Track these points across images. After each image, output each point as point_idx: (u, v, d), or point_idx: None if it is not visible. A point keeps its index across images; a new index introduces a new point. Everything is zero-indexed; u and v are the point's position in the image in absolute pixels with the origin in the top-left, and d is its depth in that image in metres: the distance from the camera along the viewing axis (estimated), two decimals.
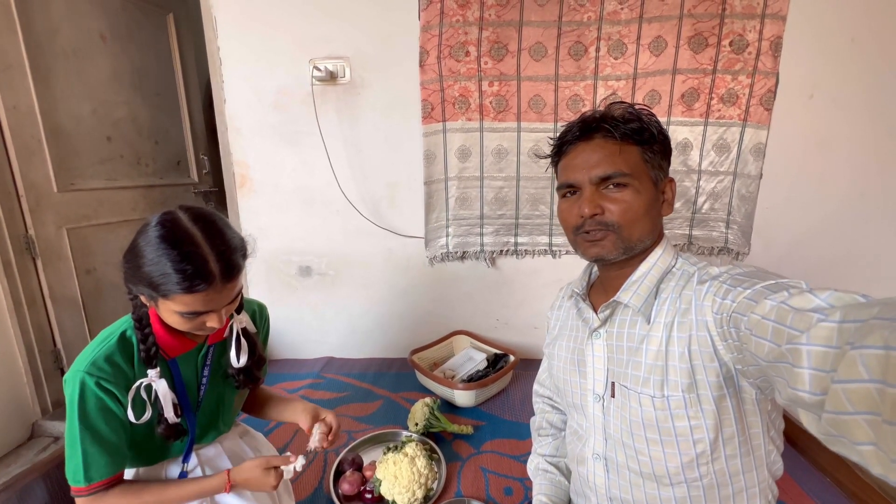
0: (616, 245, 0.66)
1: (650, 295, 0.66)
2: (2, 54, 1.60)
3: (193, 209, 0.74)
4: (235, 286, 0.75)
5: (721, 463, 0.62)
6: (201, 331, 0.77)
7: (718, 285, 0.57)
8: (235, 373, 0.90)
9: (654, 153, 0.66)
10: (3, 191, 1.64)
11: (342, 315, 1.93)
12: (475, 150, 1.69)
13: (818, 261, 1.74)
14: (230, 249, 0.72)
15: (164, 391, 0.78)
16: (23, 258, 1.72)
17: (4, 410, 1.70)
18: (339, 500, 1.09)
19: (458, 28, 1.58)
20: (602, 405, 0.71)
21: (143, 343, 0.77)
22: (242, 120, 1.75)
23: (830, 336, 0.36)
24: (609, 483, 0.71)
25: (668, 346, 0.62)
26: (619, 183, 0.65)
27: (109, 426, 0.75)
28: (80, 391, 0.72)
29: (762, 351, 0.45)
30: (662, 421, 0.62)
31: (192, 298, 0.69)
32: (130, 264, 0.71)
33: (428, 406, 1.34)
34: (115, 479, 0.77)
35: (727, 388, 0.59)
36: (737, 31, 1.53)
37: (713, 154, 1.64)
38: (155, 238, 0.68)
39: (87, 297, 1.94)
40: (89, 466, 0.73)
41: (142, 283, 0.70)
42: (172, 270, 0.66)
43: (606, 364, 0.70)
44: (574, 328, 0.78)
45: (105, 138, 1.99)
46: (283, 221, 1.83)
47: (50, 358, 1.85)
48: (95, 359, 0.73)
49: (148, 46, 2.17)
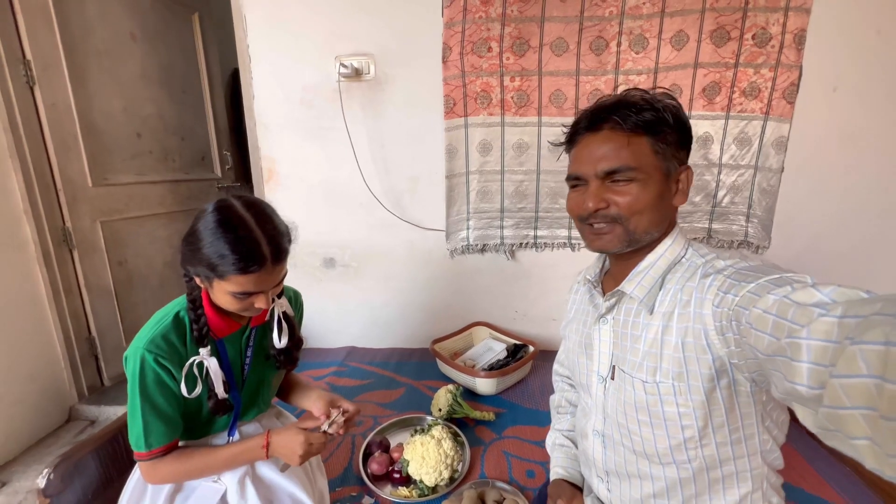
0: (621, 238, 0.66)
1: (654, 286, 0.66)
2: (41, 55, 1.67)
3: (244, 197, 0.80)
4: (283, 268, 0.80)
5: (711, 448, 0.64)
6: (248, 312, 0.82)
7: (722, 279, 0.57)
8: (276, 353, 0.95)
9: (668, 143, 0.64)
10: (43, 185, 1.71)
11: (364, 306, 1.98)
12: (496, 145, 1.72)
13: (840, 256, 1.73)
14: (279, 234, 0.78)
15: (215, 368, 0.83)
16: (61, 249, 1.80)
17: (44, 394, 1.78)
18: (369, 479, 1.14)
19: (481, 24, 1.61)
20: (604, 386, 0.74)
21: (195, 323, 0.82)
22: (270, 116, 1.80)
23: (830, 331, 0.36)
24: (606, 458, 0.76)
25: (664, 336, 0.63)
26: (626, 178, 0.64)
27: (165, 399, 0.80)
28: (141, 366, 0.77)
29: (761, 344, 0.45)
30: (653, 405, 0.65)
31: (245, 279, 0.74)
32: (190, 247, 0.76)
33: (451, 393, 1.38)
34: (171, 446, 0.83)
35: (718, 381, 0.60)
36: (760, 25, 1.53)
37: (734, 148, 1.65)
38: (213, 223, 0.73)
39: (119, 287, 2.01)
40: (149, 434, 0.79)
41: (200, 265, 0.75)
42: (229, 252, 0.71)
43: (611, 349, 0.73)
44: (585, 312, 0.81)
45: (135, 135, 2.06)
46: (308, 214, 1.88)
47: (85, 345, 1.93)
48: (153, 337, 0.79)
49: (174, 45, 2.23)
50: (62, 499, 0.93)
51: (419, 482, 1.12)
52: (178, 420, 0.84)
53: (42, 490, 0.89)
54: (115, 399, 1.91)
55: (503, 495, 1.08)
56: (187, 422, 0.88)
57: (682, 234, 0.70)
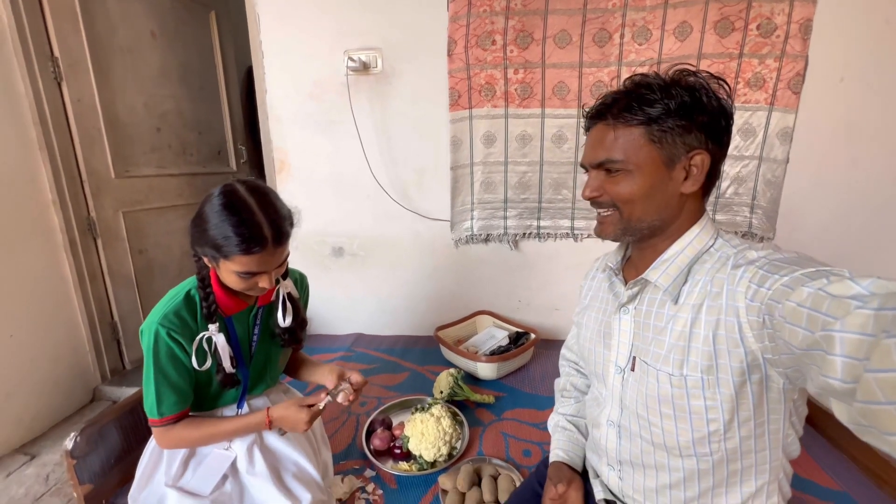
0: (616, 225, 0.67)
1: (680, 275, 0.65)
2: (68, 52, 1.76)
3: (249, 182, 0.85)
4: (284, 251, 0.85)
5: (734, 442, 0.62)
6: (253, 291, 0.87)
7: (755, 271, 0.54)
8: (282, 332, 1.01)
9: (667, 130, 0.62)
10: (69, 176, 1.81)
11: (371, 294, 2.04)
12: (500, 136, 1.75)
13: (845, 247, 1.72)
14: (280, 218, 0.83)
15: (223, 344, 0.89)
16: (86, 238, 1.90)
17: (70, 376, 1.89)
18: (371, 454, 1.19)
19: (485, 18, 1.65)
20: (622, 377, 0.72)
21: (205, 301, 0.88)
22: (282, 109, 1.87)
23: (866, 324, 0.35)
24: (620, 448, 0.74)
25: (693, 328, 0.61)
26: (614, 169, 0.65)
27: (177, 371, 0.86)
28: (155, 340, 0.83)
29: (796, 339, 0.43)
30: (678, 398, 0.63)
31: (248, 259, 0.79)
32: (197, 228, 0.81)
33: (452, 376, 1.42)
34: (182, 414, 0.89)
35: (750, 375, 0.58)
36: (765, 15, 1.53)
37: (738, 138, 1.65)
38: (219, 206, 0.79)
39: (140, 275, 2.11)
40: (161, 403, 0.85)
41: (207, 245, 0.80)
42: (233, 234, 0.77)
43: (632, 339, 0.71)
44: (604, 301, 0.79)
45: (155, 129, 2.15)
46: (317, 204, 1.94)
47: (108, 329, 2.03)
48: (167, 312, 0.85)
49: (192, 43, 2.32)
50: (87, 461, 1.01)
51: (419, 457, 1.17)
52: (189, 391, 0.89)
53: (70, 451, 0.97)
54: (136, 381, 2.00)
55: (498, 471, 1.12)
56: (198, 394, 0.94)
57: (711, 223, 0.68)
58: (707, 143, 0.63)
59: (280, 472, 0.95)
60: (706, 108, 0.62)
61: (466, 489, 1.05)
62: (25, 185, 1.67)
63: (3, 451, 1.61)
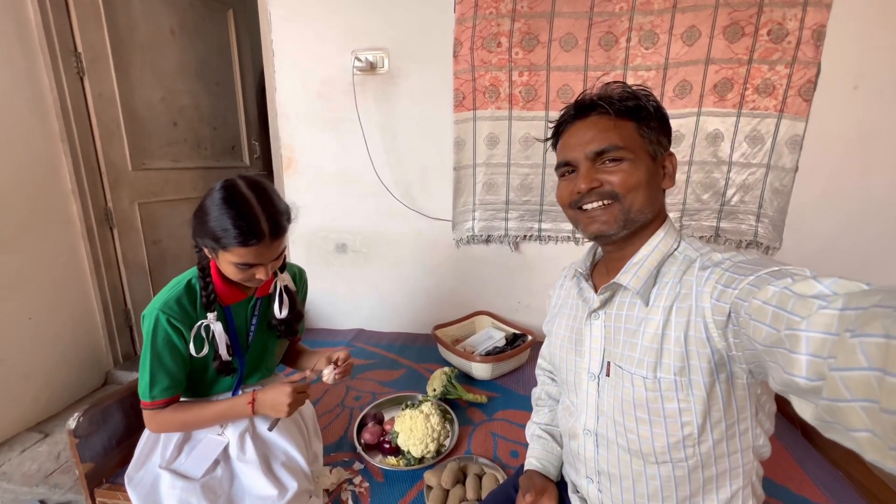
0: (617, 218, 0.66)
1: (650, 278, 0.66)
2: (91, 48, 1.83)
3: (249, 178, 0.89)
4: (281, 244, 0.89)
5: (707, 445, 0.63)
6: (251, 282, 0.91)
7: (720, 272, 0.56)
8: (278, 323, 1.04)
9: (651, 129, 0.66)
10: (89, 167, 1.89)
11: (373, 290, 2.07)
12: (503, 138, 1.76)
13: (855, 259, 1.67)
14: (278, 212, 0.86)
15: (220, 332, 0.93)
16: (103, 227, 1.98)
17: (84, 360, 1.97)
18: (361, 447, 1.22)
19: (492, 20, 1.65)
20: (597, 384, 0.72)
21: (204, 290, 0.92)
22: (290, 107, 1.91)
23: (831, 323, 0.36)
24: (598, 457, 0.74)
25: (665, 330, 0.62)
26: (615, 157, 0.65)
27: (172, 357, 0.90)
28: (154, 325, 0.88)
29: (760, 335, 0.45)
30: (652, 401, 0.64)
31: (245, 251, 0.82)
32: (198, 220, 0.85)
33: (446, 374, 1.44)
34: (172, 400, 0.93)
35: (718, 375, 0.59)
36: (776, 20, 1.50)
37: (745, 146, 1.62)
38: (219, 199, 0.83)
39: (153, 265, 2.19)
40: (154, 386, 0.90)
41: (207, 237, 0.84)
42: (231, 226, 0.80)
43: (603, 345, 0.71)
44: (574, 307, 0.79)
45: (172, 123, 2.22)
46: (323, 201, 1.98)
47: (122, 316, 2.11)
48: (168, 300, 0.89)
49: (210, 40, 2.38)
50: (90, 440, 1.07)
51: (406, 453, 1.19)
52: (182, 378, 0.93)
53: (72, 430, 1.03)
54: None
55: (484, 470, 1.14)
56: (195, 380, 0.98)
57: (673, 226, 0.70)
58: (669, 147, 0.70)
59: (270, 460, 0.99)
60: (665, 118, 0.69)
61: (450, 486, 1.07)
62: (47, 176, 1.75)
63: (19, 429, 1.70)
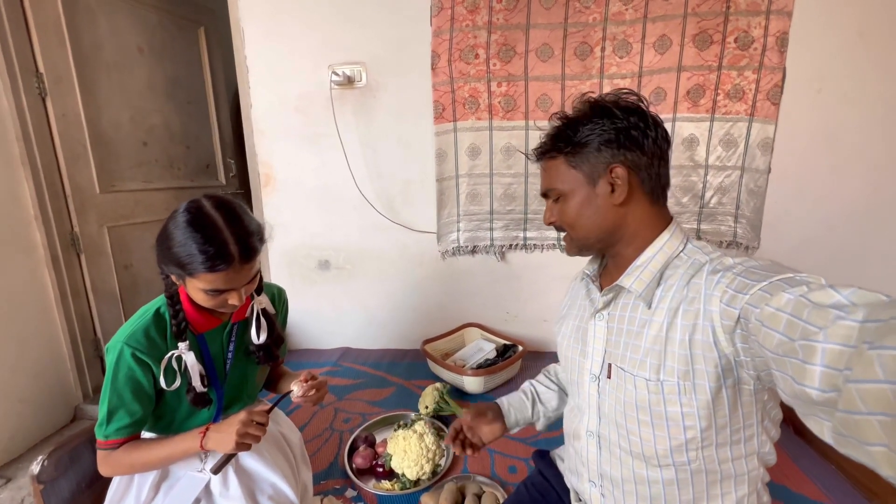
0: (571, 245, 0.75)
1: (653, 280, 0.66)
2: (53, 68, 1.76)
3: (216, 197, 0.82)
4: (253, 267, 0.82)
5: (711, 450, 0.63)
6: (224, 308, 0.84)
7: (732, 277, 0.55)
8: (256, 349, 0.98)
9: (580, 155, 0.69)
10: (52, 192, 1.79)
11: (358, 307, 2.02)
12: (485, 149, 1.76)
13: (829, 255, 1.73)
14: (248, 234, 0.80)
15: (192, 362, 0.86)
16: (69, 253, 1.87)
17: (50, 394, 1.84)
18: (353, 473, 1.17)
19: (468, 32, 1.66)
20: (598, 385, 0.73)
21: (174, 318, 0.85)
22: (267, 123, 1.87)
23: (850, 335, 0.35)
24: (601, 459, 0.74)
25: (669, 332, 0.62)
26: (553, 196, 0.74)
27: (135, 395, 0.83)
28: (118, 359, 0.81)
29: (771, 343, 0.44)
30: (655, 404, 0.63)
31: (214, 277, 0.76)
32: (162, 246, 0.79)
33: (438, 390, 1.41)
34: (128, 440, 0.85)
35: (724, 380, 0.59)
36: (742, 28, 1.56)
37: (720, 149, 1.66)
38: (183, 223, 0.76)
39: (125, 291, 2.09)
40: (110, 424, 0.82)
41: (172, 263, 0.78)
42: (197, 251, 0.74)
43: (605, 346, 0.71)
44: (581, 307, 0.81)
45: (141, 143, 2.14)
46: (303, 218, 1.94)
47: (91, 346, 1.99)
48: (134, 331, 0.82)
49: (181, 58, 2.33)
50: (56, 486, 0.97)
51: (401, 475, 1.14)
52: (143, 417, 0.85)
53: (36, 476, 0.93)
54: None
55: (483, 488, 1.10)
56: (166, 417, 0.91)
57: (679, 229, 0.70)
58: (624, 154, 0.67)
59: (255, 494, 0.93)
60: (614, 125, 0.67)
61: None
62: (7, 202, 1.65)
63: None
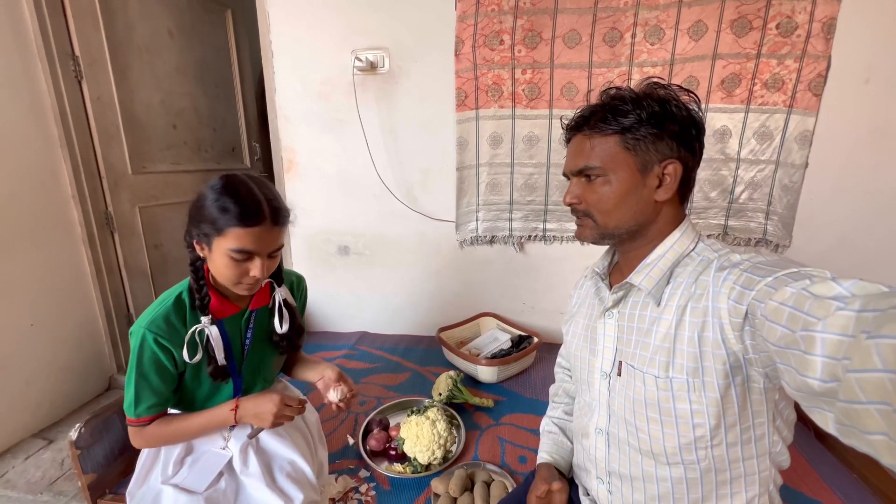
0: (592, 231, 0.71)
1: (662, 278, 0.66)
2: (88, 50, 1.81)
3: (247, 173, 0.87)
4: (280, 236, 0.85)
5: (721, 449, 0.62)
6: (244, 283, 0.85)
7: (738, 273, 0.56)
8: (279, 339, 1.01)
9: (640, 138, 0.65)
10: (88, 172, 1.87)
11: (376, 293, 2.05)
12: (506, 137, 1.73)
13: (866, 256, 1.64)
14: (279, 200, 0.85)
15: (216, 335, 0.89)
16: (103, 232, 1.96)
17: (87, 365, 1.96)
18: (367, 454, 1.20)
19: (494, 17, 1.62)
20: (608, 383, 0.73)
21: (198, 293, 0.88)
22: (290, 108, 1.89)
23: (847, 325, 0.36)
24: (609, 457, 0.74)
25: (678, 330, 0.62)
26: (592, 174, 0.68)
27: (159, 376, 0.87)
28: (141, 344, 0.85)
29: (774, 336, 0.45)
30: (664, 401, 0.63)
31: (244, 232, 0.78)
32: (195, 207, 0.82)
33: (452, 378, 1.42)
34: (157, 417, 0.90)
35: (733, 378, 0.58)
36: (785, 13, 1.47)
37: (754, 142, 1.59)
38: (219, 185, 0.80)
39: (155, 269, 2.17)
40: (139, 404, 0.87)
41: (204, 221, 0.80)
42: (232, 205, 0.78)
43: (616, 343, 0.72)
44: (591, 306, 0.80)
45: (171, 126, 2.20)
46: (324, 203, 1.96)
47: (124, 321, 2.09)
48: (155, 317, 0.86)
49: (208, 41, 2.36)
50: (91, 451, 1.05)
51: (413, 460, 1.17)
52: (168, 395, 0.90)
53: (74, 442, 1.01)
54: None
55: (492, 477, 1.12)
56: (188, 398, 0.95)
57: (692, 227, 0.70)
58: (679, 151, 0.66)
59: (273, 471, 0.97)
60: (676, 118, 0.65)
61: (458, 494, 1.05)
62: (46, 181, 1.73)
63: (22, 436, 1.69)
